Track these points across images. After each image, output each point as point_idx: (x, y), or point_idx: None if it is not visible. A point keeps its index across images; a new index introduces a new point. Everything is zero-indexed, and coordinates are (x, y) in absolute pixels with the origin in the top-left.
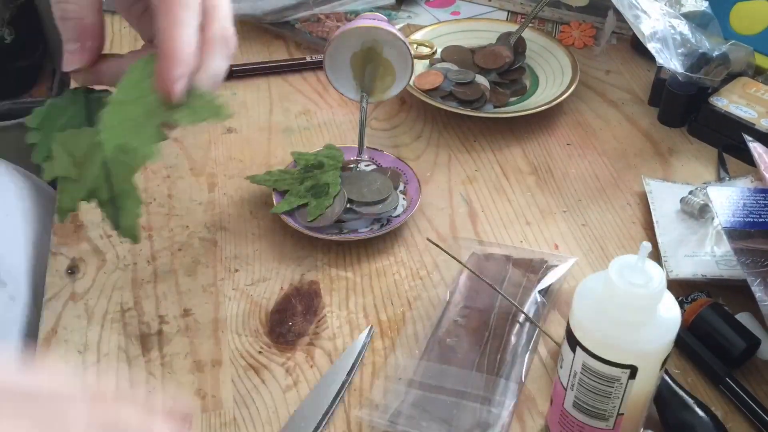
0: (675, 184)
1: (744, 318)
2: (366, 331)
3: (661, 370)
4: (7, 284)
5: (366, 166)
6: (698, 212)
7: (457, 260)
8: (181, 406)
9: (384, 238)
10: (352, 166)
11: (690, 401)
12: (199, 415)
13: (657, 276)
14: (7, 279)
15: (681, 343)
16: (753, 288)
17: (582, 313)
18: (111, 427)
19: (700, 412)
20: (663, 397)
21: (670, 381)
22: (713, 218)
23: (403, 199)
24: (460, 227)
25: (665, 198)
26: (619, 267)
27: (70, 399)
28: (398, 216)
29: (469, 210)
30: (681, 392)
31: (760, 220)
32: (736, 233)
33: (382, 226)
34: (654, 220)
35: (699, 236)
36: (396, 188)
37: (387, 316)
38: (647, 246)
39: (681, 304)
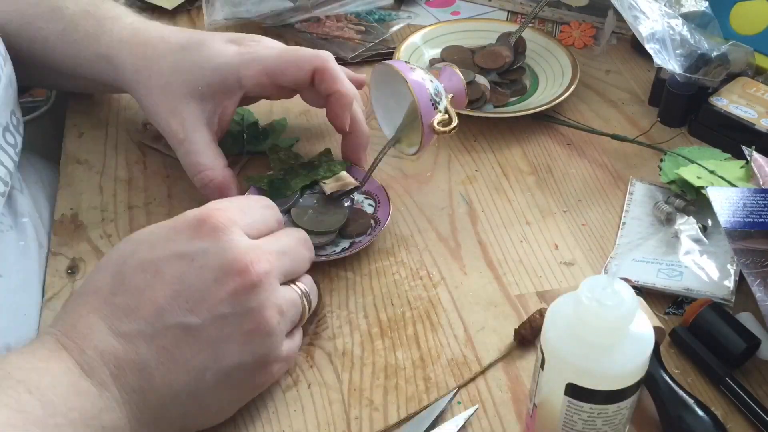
0: (659, 187)
1: (744, 318)
2: (450, 395)
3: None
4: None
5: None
6: (665, 219)
7: None
8: None
9: (384, 238)
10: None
11: (690, 401)
12: None
13: (628, 297)
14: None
15: (681, 343)
16: (753, 288)
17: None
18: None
19: (700, 412)
20: (663, 397)
21: (670, 381)
22: (677, 227)
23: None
24: (460, 227)
25: (645, 201)
26: (589, 287)
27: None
28: (360, 241)
29: (469, 210)
30: (681, 392)
31: (760, 220)
32: (736, 233)
33: (343, 249)
34: (621, 221)
35: (655, 242)
36: (348, 232)
37: (387, 316)
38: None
39: (681, 304)
